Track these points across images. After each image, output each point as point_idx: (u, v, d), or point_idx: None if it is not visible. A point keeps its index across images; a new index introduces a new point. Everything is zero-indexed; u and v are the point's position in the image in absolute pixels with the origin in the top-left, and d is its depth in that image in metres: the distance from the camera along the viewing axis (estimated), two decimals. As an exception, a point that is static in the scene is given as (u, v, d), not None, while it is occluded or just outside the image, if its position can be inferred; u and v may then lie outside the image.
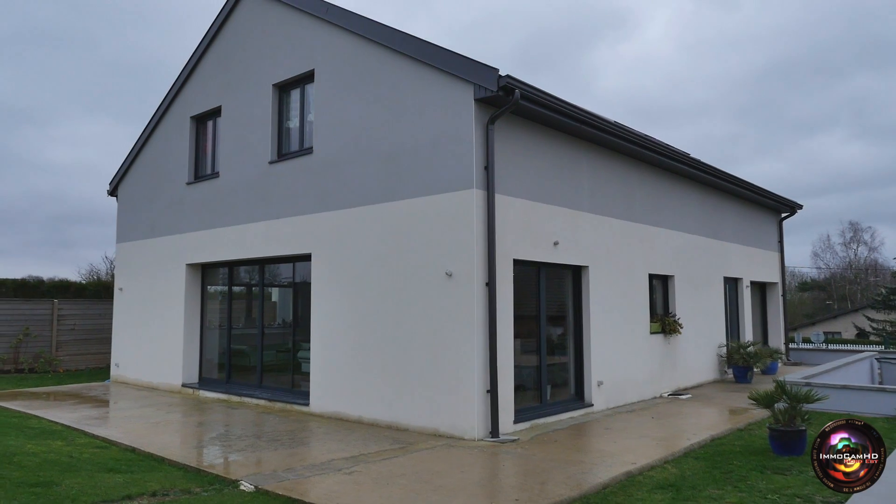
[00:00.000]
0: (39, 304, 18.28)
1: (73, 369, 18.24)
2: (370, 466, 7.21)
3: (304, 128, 11.90)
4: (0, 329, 17.42)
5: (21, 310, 17.88)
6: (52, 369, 17.72)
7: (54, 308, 18.33)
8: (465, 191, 8.85)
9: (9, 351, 17.43)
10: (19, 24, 44.48)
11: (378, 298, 9.94)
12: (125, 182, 16.34)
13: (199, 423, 10.31)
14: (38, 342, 17.91)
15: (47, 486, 5.87)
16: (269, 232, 11.94)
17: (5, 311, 17.60)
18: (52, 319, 18.24)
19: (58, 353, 18.17)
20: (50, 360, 17.79)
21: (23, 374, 17.02)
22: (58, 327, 18.29)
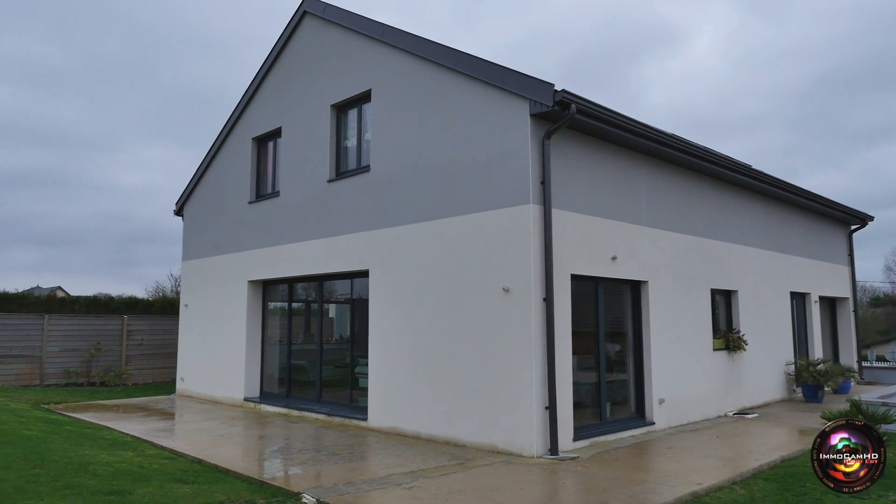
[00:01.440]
0: (110, 319, 19.08)
1: (141, 383, 18.92)
2: (429, 482, 7.21)
3: (361, 146, 12.13)
4: (73, 344, 18.25)
5: (93, 325, 18.69)
6: (121, 382, 18.41)
7: (124, 324, 19.09)
8: (522, 206, 8.84)
9: (82, 365, 18.21)
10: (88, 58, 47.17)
11: (435, 314, 9.99)
12: (190, 202, 16.95)
13: (260, 437, 10.52)
14: (109, 356, 18.67)
15: (121, 495, 6.09)
16: (327, 249, 12.18)
17: (78, 326, 18.43)
18: (122, 335, 19.00)
19: (127, 366, 18.90)
20: (119, 374, 18.51)
21: (94, 387, 17.74)
22: (127, 342, 19.05)
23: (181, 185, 53.22)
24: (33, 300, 19.86)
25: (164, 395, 16.28)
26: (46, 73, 44.97)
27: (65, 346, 18.11)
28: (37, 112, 45.59)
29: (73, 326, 18.37)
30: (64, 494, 5.96)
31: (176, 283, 34.29)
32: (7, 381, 17.05)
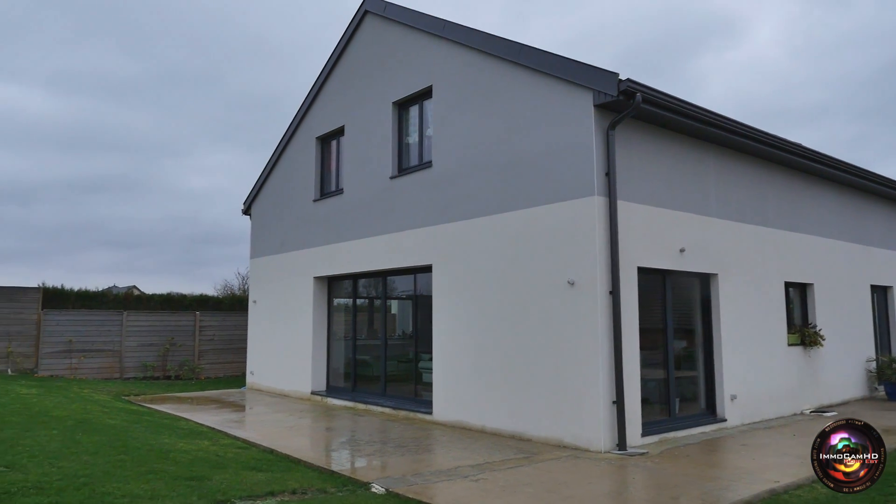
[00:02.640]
0: (183, 316, 19.85)
1: (213, 376, 19.61)
2: (496, 474, 7.21)
3: (422, 142, 12.22)
4: (150, 339, 19.07)
5: (167, 321, 19.49)
6: (194, 376, 19.13)
7: (196, 320, 19.83)
8: (587, 198, 8.73)
9: (158, 359, 19.02)
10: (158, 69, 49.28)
11: (499, 308, 9.97)
12: (257, 202, 17.44)
13: (327, 429, 10.75)
14: (182, 351, 19.43)
15: (200, 480, 6.34)
16: (390, 244, 12.32)
17: (154, 322, 19.25)
18: (194, 330, 19.74)
19: (199, 361, 19.63)
20: (193, 368, 19.23)
21: (170, 381, 18.50)
22: (199, 337, 19.77)
23: (244, 187, 54.73)
24: (112, 297, 20.88)
25: (234, 388, 16.83)
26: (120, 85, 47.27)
27: (142, 341, 18.94)
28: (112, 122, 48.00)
29: (149, 322, 19.20)
30: (148, 479, 6.24)
31: (243, 281, 35.37)
32: (90, 373, 17.97)
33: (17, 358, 17.29)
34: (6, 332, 17.28)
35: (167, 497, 5.59)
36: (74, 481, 5.91)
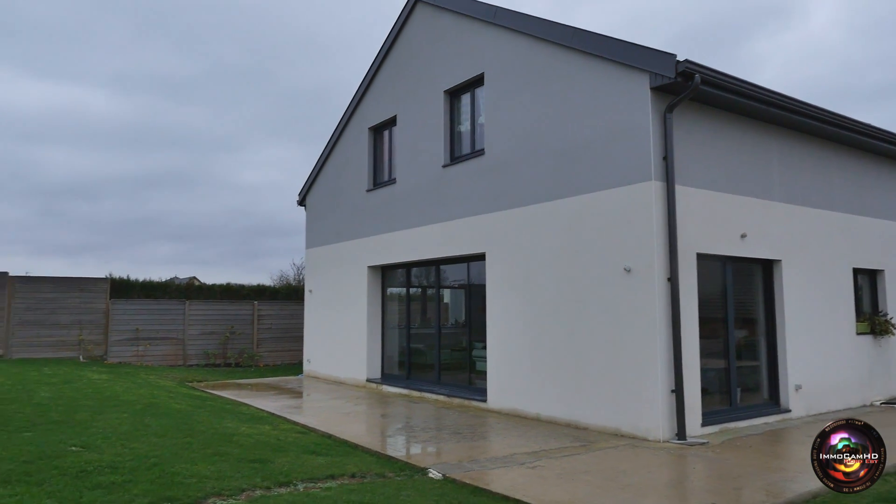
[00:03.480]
0: (242, 305, 20.40)
1: (271, 364, 20.11)
2: (552, 462, 7.18)
3: (475, 130, 12.18)
4: (211, 327, 19.68)
5: (227, 311, 20.06)
6: (253, 364, 19.66)
7: (254, 309, 20.35)
8: (643, 183, 8.56)
9: (218, 347, 19.61)
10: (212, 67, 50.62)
11: (554, 295, 9.90)
12: (312, 193, 17.74)
13: (383, 415, 10.89)
14: (242, 339, 19.98)
15: (263, 463, 6.52)
16: (444, 233, 12.36)
17: (215, 311, 19.85)
18: (253, 319, 20.27)
19: (258, 349, 20.15)
20: (252, 356, 19.77)
21: (230, 368, 19.05)
22: (257, 326, 20.29)
23: (297, 180, 55.74)
24: (175, 287, 21.60)
25: (292, 375, 17.22)
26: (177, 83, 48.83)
27: (203, 330, 19.56)
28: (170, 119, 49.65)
29: (210, 311, 19.80)
30: (214, 460, 6.45)
31: (298, 271, 36.07)
32: (155, 360, 18.67)
33: (88, 345, 18.09)
34: (78, 321, 18.10)
35: (233, 478, 5.77)
36: (145, 461, 6.16)
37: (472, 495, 5.90)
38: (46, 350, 17.62)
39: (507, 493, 5.92)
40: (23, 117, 44.36)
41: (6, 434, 7.16)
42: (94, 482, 5.39)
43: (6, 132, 44.90)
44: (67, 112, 45.47)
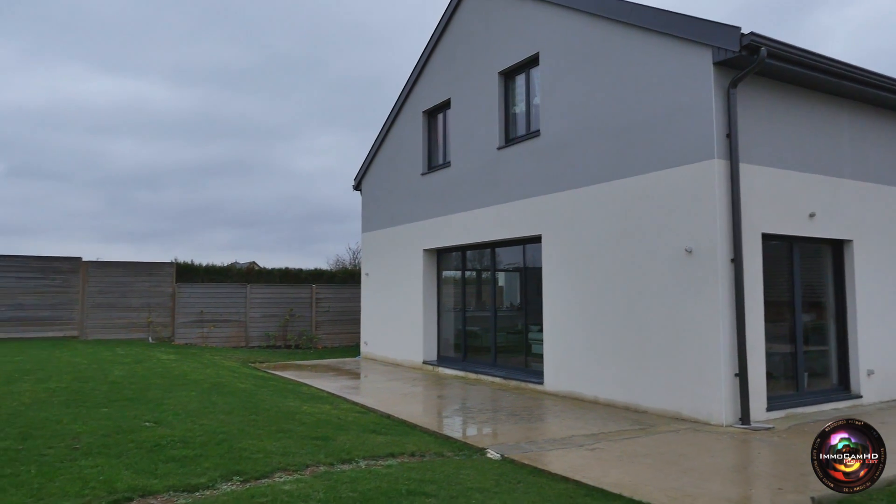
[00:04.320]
0: (300, 289, 20.87)
1: (329, 346, 20.54)
2: (612, 444, 7.13)
3: (530, 111, 12.06)
4: (271, 310, 20.22)
5: (286, 294, 20.57)
6: (312, 346, 20.12)
7: (313, 292, 20.80)
8: (705, 161, 8.32)
9: (279, 329, 20.14)
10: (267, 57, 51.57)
11: (611, 277, 9.76)
12: (367, 177, 17.93)
13: (439, 396, 11.00)
14: (301, 322, 20.47)
15: (325, 440, 6.69)
16: (499, 216, 12.32)
17: (275, 294, 20.38)
18: (311, 302, 20.72)
19: (317, 331, 20.61)
20: (311, 338, 20.23)
21: (290, 350, 19.55)
22: (316, 309, 20.74)
23: (350, 166, 56.42)
24: (236, 272, 22.24)
25: (350, 357, 17.56)
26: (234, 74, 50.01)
27: (264, 312, 20.12)
28: (228, 109, 50.97)
29: (271, 294, 20.33)
30: (279, 437, 6.66)
31: (353, 256, 36.61)
32: (219, 342, 19.31)
33: (157, 327, 18.85)
34: (146, 304, 18.86)
35: (297, 454, 5.94)
36: (214, 437, 6.41)
37: (531, 475, 5.92)
38: (118, 331, 18.44)
39: (567, 474, 5.91)
40: (92, 111, 46.30)
41: (86, 409, 7.56)
42: (168, 455, 5.64)
43: (77, 125, 46.93)
44: (132, 105, 47.23)
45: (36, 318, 17.54)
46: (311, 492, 4.63)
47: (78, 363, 11.92)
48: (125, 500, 4.47)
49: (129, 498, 4.51)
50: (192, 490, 4.75)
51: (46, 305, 17.71)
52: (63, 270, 18.07)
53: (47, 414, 7.19)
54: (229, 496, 4.57)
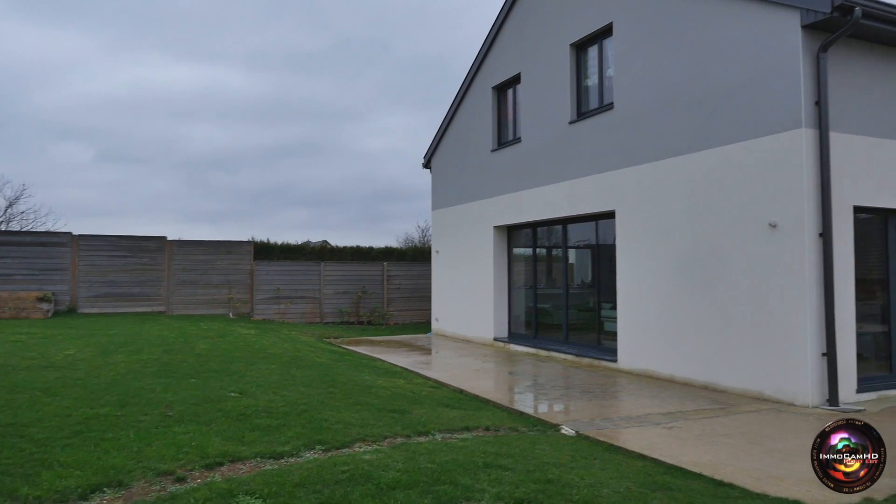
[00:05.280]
0: (372, 266, 21.24)
1: (401, 322, 20.88)
2: (690, 423, 6.98)
3: (602, 84, 11.76)
4: (344, 287, 20.69)
5: (358, 271, 20.99)
6: (383, 322, 20.50)
7: (384, 270, 21.14)
8: (792, 131, 7.92)
9: (351, 306, 20.61)
10: (335, 40, 52.24)
11: (689, 253, 9.48)
12: (437, 155, 17.97)
13: (510, 373, 11.02)
14: (373, 299, 20.87)
15: (401, 413, 6.83)
16: (571, 191, 12.13)
17: (347, 271, 20.83)
18: (383, 279, 21.07)
19: (388, 308, 20.97)
20: (382, 314, 20.61)
21: (362, 326, 19.98)
22: (387, 286, 21.09)
23: (417, 145, 56.74)
24: (310, 249, 22.83)
25: (421, 333, 17.80)
26: (303, 58, 50.94)
27: (337, 289, 20.62)
28: (298, 92, 52.06)
29: (343, 272, 20.80)
30: (356, 409, 6.84)
31: (423, 234, 36.93)
32: (295, 318, 19.94)
33: (236, 303, 19.61)
34: (227, 281, 19.64)
35: (375, 426, 6.09)
36: (295, 408, 6.65)
37: (607, 452, 5.88)
38: (201, 307, 19.30)
39: (644, 451, 5.83)
40: (172, 97, 48.26)
41: (175, 380, 7.97)
42: (253, 424, 5.89)
43: (159, 111, 49.02)
44: (209, 91, 48.90)
45: (127, 295, 18.57)
46: (391, 462, 4.75)
47: (166, 336, 12.56)
48: (216, 464, 4.71)
49: (220, 463, 4.74)
50: (277, 457, 4.95)
51: (136, 282, 18.71)
52: (150, 249, 19.01)
53: (141, 383, 7.63)
54: (312, 464, 4.74)
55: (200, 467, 4.62)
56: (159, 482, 4.32)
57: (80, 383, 7.51)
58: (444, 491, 4.14)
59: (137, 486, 4.24)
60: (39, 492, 4.01)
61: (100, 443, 5.09)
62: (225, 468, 4.66)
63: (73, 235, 18.27)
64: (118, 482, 4.26)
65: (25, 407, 6.21)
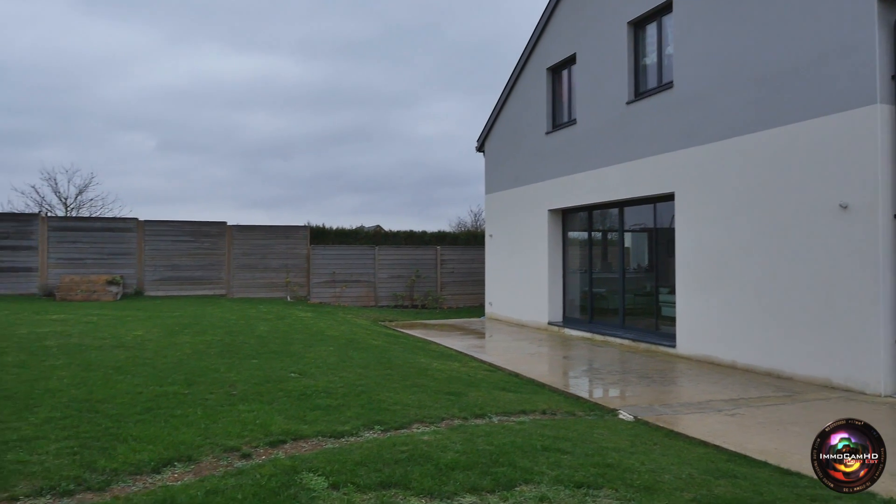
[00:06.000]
0: (425, 250, 21.36)
1: (454, 306, 20.96)
2: (753, 411, 6.79)
3: (661, 62, 11.44)
4: (398, 271, 20.88)
5: (412, 255, 21.14)
6: (437, 306, 20.62)
7: (437, 254, 21.23)
8: (867, 107, 7.54)
9: (405, 289, 20.79)
10: (386, 28, 52.36)
11: (752, 235, 9.18)
12: (490, 138, 17.86)
13: (565, 357, 10.94)
14: (426, 283, 21.00)
15: (457, 396, 6.86)
16: (627, 173, 11.89)
17: (401, 256, 21.01)
18: (436, 263, 21.18)
19: (441, 291, 21.09)
20: (436, 298, 20.74)
21: (416, 309, 20.15)
22: (441, 270, 21.19)
23: (468, 130, 56.57)
24: (364, 234, 23.09)
25: (474, 317, 17.82)
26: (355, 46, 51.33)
27: (391, 273, 20.83)
28: (349, 80, 52.54)
29: (397, 256, 20.99)
30: (413, 391, 6.91)
31: (475, 218, 36.91)
32: (350, 301, 20.25)
33: (294, 287, 20.05)
34: (284, 265, 20.08)
35: (432, 407, 6.14)
36: (354, 389, 6.76)
37: (667, 438, 5.78)
38: (259, 290, 19.80)
39: (706, 438, 5.71)
40: (229, 87, 49.44)
41: (238, 360, 8.21)
42: (314, 404, 6.02)
43: (216, 101, 50.27)
44: (264, 80, 49.82)
45: (190, 278, 19.21)
46: (449, 443, 4.78)
47: (227, 318, 12.94)
48: (280, 442, 4.83)
49: (283, 440, 4.86)
50: (337, 436, 5.04)
51: (198, 266, 19.32)
52: (211, 234, 19.58)
53: (206, 363, 7.89)
54: (373, 443, 4.81)
55: (264, 444, 4.75)
56: (226, 458, 4.46)
57: (149, 362, 7.81)
58: (503, 473, 4.15)
59: (206, 462, 4.38)
60: (115, 464, 4.20)
61: (169, 419, 5.29)
62: (288, 446, 4.78)
63: (139, 221, 18.97)
64: (188, 457, 4.42)
65: (100, 384, 6.50)
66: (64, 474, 4.00)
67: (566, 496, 3.83)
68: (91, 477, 4.00)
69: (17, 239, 17.74)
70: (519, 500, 3.76)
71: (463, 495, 3.80)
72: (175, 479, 4.04)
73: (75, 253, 18.13)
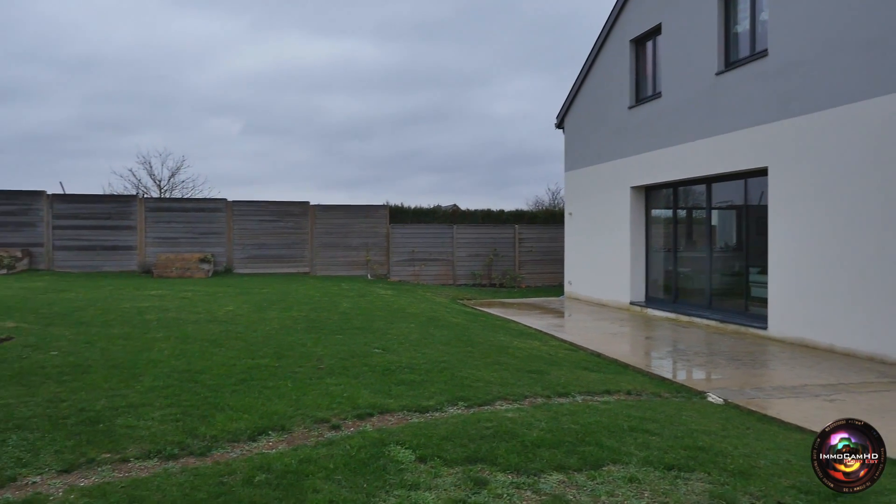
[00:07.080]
0: (503, 229, 21.26)
1: (532, 285, 20.82)
2: (854, 397, 6.44)
3: (755, 30, 10.83)
4: (476, 250, 20.90)
5: (490, 234, 21.10)
6: (515, 285, 20.53)
7: (515, 232, 21.11)
8: None
9: (483, 268, 20.80)
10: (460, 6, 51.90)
11: (856, 212, 8.63)
12: (570, 115, 17.49)
13: (648, 338, 10.68)
14: (504, 262, 20.94)
15: (539, 374, 6.83)
16: (716, 148, 11.38)
17: (479, 234, 21.01)
18: (514, 242, 21.06)
19: (520, 270, 20.98)
20: (514, 277, 20.65)
21: (494, 288, 20.14)
22: (519, 249, 21.07)
23: (545, 108, 55.58)
24: (441, 213, 23.16)
25: (553, 296, 17.66)
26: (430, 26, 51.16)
27: (469, 252, 20.88)
28: (425, 60, 52.50)
29: (475, 234, 21.00)
30: (494, 368, 6.93)
31: (553, 196, 36.37)
32: (428, 279, 20.46)
33: (374, 265, 20.42)
34: (364, 244, 20.47)
35: (515, 385, 6.14)
36: (437, 365, 6.84)
37: (759, 422, 5.57)
38: (341, 268, 20.29)
39: (801, 423, 5.48)
40: (309, 71, 50.46)
41: (323, 335, 8.46)
42: (398, 379, 6.13)
43: (298, 85, 51.43)
44: (342, 63, 50.55)
45: (275, 256, 19.90)
46: (534, 420, 4.77)
47: (312, 296, 13.34)
48: (367, 415, 4.95)
49: (370, 413, 4.98)
50: (422, 411, 5.12)
51: (283, 245, 19.98)
52: (294, 213, 20.16)
53: (293, 338, 8.16)
54: (457, 419, 4.86)
55: (352, 417, 4.88)
56: (317, 429, 4.62)
57: (241, 336, 8.16)
58: (590, 452, 4.10)
59: (298, 432, 4.55)
60: (215, 431, 4.42)
61: (262, 390, 5.52)
62: (374, 419, 4.89)
63: (228, 202, 19.75)
64: (281, 427, 4.60)
65: (197, 356, 6.85)
66: (168, 439, 4.24)
67: (656, 478, 3.76)
68: (193, 443, 4.22)
69: (118, 219, 18.85)
70: (607, 479, 3.72)
71: (550, 473, 3.79)
72: (270, 447, 4.21)
73: (169, 232, 19.10)
